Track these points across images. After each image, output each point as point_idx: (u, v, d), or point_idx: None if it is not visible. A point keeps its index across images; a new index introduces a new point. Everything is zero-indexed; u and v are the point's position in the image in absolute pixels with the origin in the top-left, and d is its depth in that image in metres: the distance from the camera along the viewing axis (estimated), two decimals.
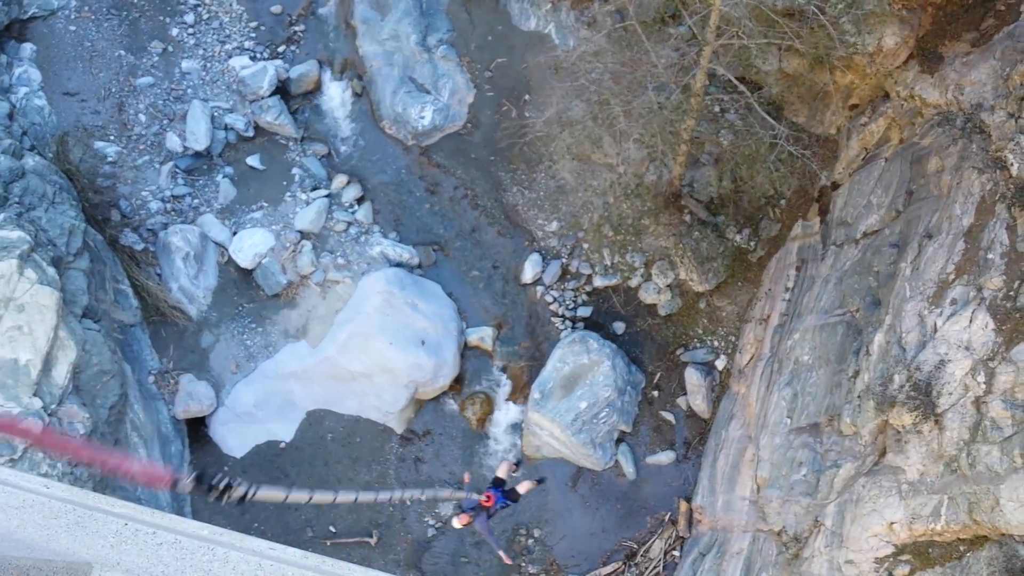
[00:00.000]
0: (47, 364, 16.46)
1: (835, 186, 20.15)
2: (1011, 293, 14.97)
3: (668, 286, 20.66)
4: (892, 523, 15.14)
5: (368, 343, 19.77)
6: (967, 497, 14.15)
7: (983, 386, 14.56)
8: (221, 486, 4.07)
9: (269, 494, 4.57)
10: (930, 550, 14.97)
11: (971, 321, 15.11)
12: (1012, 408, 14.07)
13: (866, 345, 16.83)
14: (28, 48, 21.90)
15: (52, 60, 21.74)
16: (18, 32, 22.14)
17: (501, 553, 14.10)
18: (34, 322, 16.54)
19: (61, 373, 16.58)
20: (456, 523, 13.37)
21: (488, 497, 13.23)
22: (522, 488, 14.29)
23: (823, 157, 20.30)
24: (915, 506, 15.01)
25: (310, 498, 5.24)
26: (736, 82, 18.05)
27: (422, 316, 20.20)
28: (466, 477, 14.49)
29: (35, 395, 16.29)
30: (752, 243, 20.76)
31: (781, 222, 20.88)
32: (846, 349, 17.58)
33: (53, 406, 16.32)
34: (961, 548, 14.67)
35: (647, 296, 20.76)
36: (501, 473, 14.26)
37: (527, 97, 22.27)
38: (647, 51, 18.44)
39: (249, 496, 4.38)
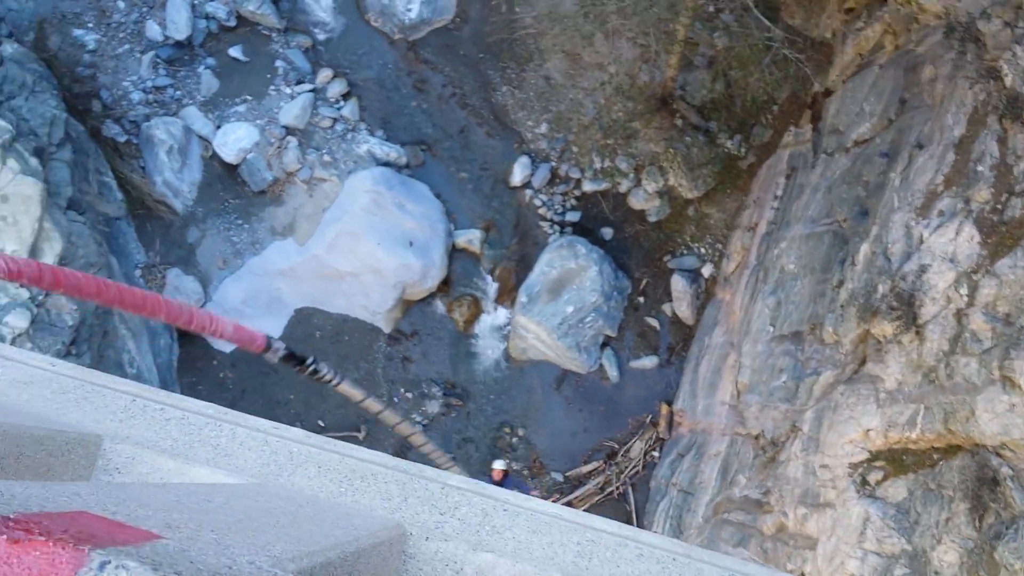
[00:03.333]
0: (33, 255, 16.32)
1: (828, 93, 19.92)
2: (998, 206, 15.00)
3: (657, 192, 20.59)
4: (868, 430, 15.52)
5: (356, 243, 19.69)
6: (943, 407, 14.48)
7: (965, 299, 14.73)
8: (310, 367, 4.09)
9: (348, 391, 4.63)
10: (904, 457, 15.40)
11: (957, 233, 15.17)
12: (993, 321, 14.27)
13: (852, 255, 16.93)
14: None
15: None
16: None
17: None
18: (18, 213, 16.32)
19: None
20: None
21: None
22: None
23: (817, 62, 20.01)
24: (891, 414, 15.36)
25: (380, 411, 5.28)
26: None
27: (410, 217, 20.08)
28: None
29: (21, 286, 16.20)
30: (743, 150, 20.63)
31: (773, 128, 20.72)
32: (832, 259, 17.70)
33: (41, 297, 16.27)
34: (935, 456, 15.08)
35: (636, 202, 20.70)
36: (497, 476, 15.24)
37: None
38: None
39: (332, 384, 4.43)
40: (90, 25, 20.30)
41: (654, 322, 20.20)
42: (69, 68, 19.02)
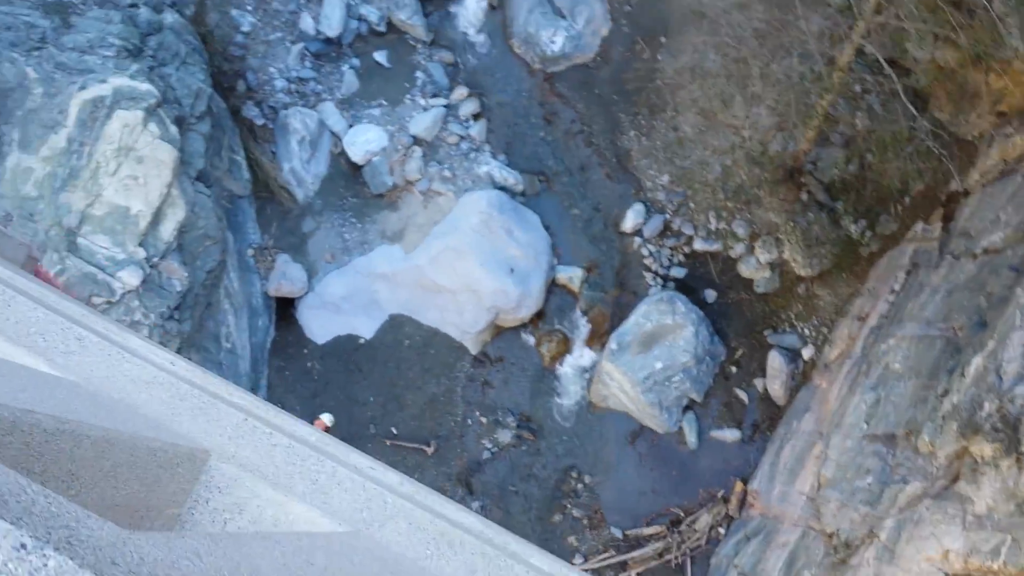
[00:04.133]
0: (156, 218, 16.99)
1: (965, 193, 19.16)
2: None
3: (769, 263, 20.10)
4: (948, 551, 14.74)
5: (459, 260, 19.85)
6: None
7: None
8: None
9: None
10: None
11: None
12: None
13: (962, 366, 16.16)
14: None
15: None
16: None
17: None
18: (150, 175, 17.03)
19: (168, 229, 17.11)
20: None
21: None
22: None
23: (959, 160, 19.26)
24: (976, 540, 14.56)
25: None
26: (885, 64, 17.14)
27: (516, 244, 20.14)
28: None
29: (140, 245, 16.89)
30: (866, 236, 19.98)
31: (901, 220, 20.02)
32: (940, 366, 16.92)
33: (155, 259, 16.90)
34: None
35: (746, 269, 20.26)
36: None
37: (663, 40, 21.57)
38: (798, 16, 17.61)
39: None
40: (249, 8, 21.14)
41: (743, 395, 19.67)
42: (222, 46, 19.83)
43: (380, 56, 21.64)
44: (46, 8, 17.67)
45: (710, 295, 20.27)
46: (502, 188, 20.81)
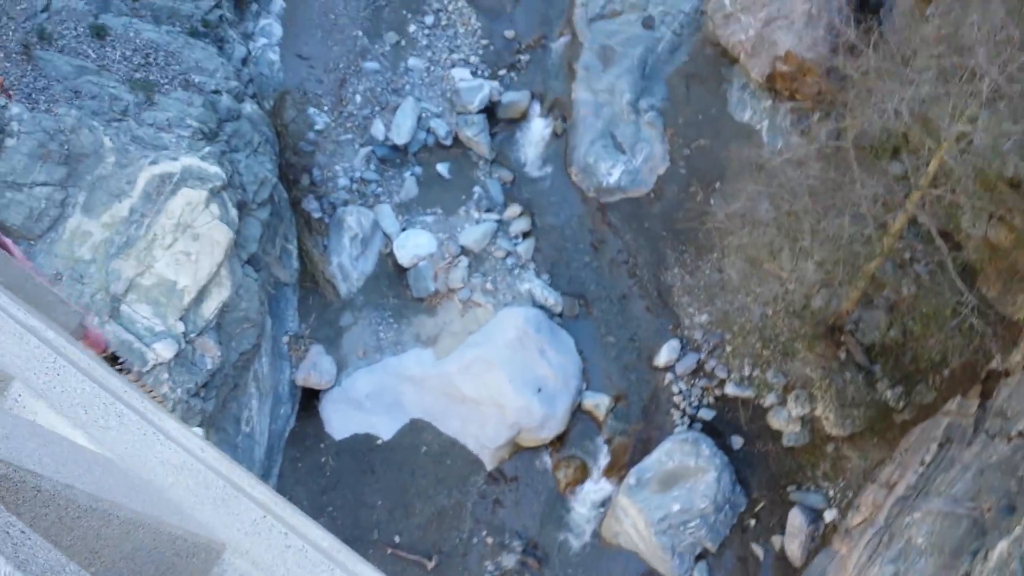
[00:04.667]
0: (201, 295, 17.36)
1: (1005, 373, 18.87)
2: None
3: (801, 417, 19.81)
4: None
5: (489, 372, 19.88)
6: None
7: None
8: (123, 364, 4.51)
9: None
10: None
11: None
12: None
13: (987, 549, 15.59)
14: (279, 4, 23.42)
15: (296, 21, 23.16)
16: None
17: None
18: (203, 253, 17.50)
19: (210, 307, 17.45)
20: None
21: None
22: None
23: (1003, 340, 19.06)
24: None
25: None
26: (937, 236, 17.27)
27: (547, 364, 20.16)
28: None
29: (180, 319, 17.21)
30: (902, 403, 19.68)
31: (938, 392, 19.72)
32: (964, 546, 16.33)
33: (193, 335, 17.18)
34: None
35: (776, 420, 19.97)
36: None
37: (718, 185, 22.00)
38: (854, 178, 17.91)
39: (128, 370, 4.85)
40: (325, 109, 22.11)
41: (759, 551, 19.06)
42: (294, 140, 20.67)
43: (442, 167, 22.37)
44: (133, 84, 18.64)
45: (736, 441, 19.95)
46: (541, 307, 20.99)
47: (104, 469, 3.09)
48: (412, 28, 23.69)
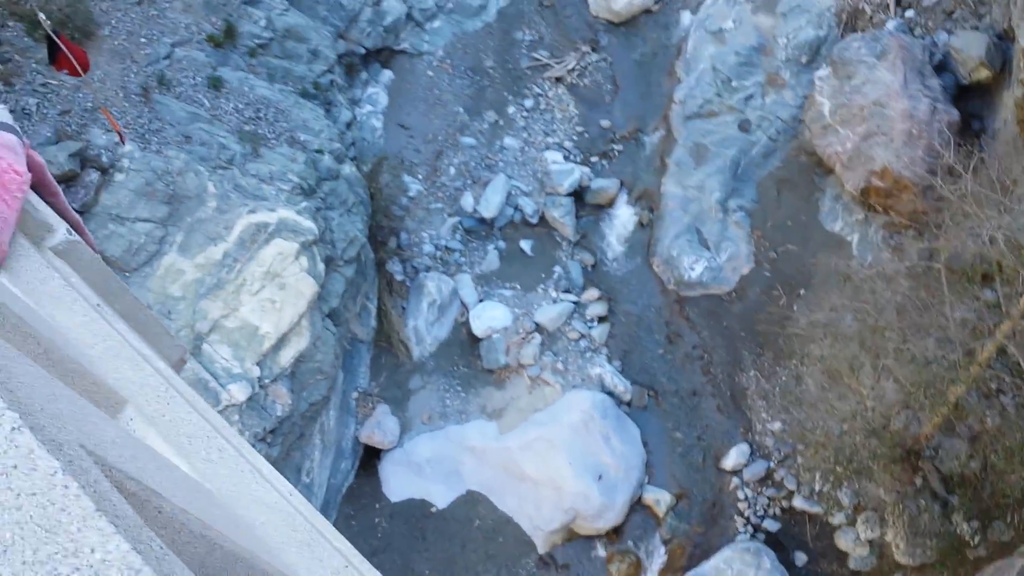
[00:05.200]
0: (280, 342, 17.72)
1: None
2: None
3: (869, 541, 18.97)
4: None
5: (550, 452, 19.66)
6: None
7: None
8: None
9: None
10: None
11: None
12: None
13: None
14: (387, 75, 24.41)
15: (401, 93, 24.05)
16: (385, 58, 24.76)
17: None
18: (287, 303, 17.93)
19: (287, 356, 17.77)
20: None
21: None
22: None
23: None
24: None
25: None
26: None
27: (610, 452, 19.85)
28: None
29: (257, 364, 17.55)
30: (976, 539, 18.68)
31: (1016, 531, 18.70)
32: None
33: (267, 380, 17.49)
34: None
35: (843, 541, 19.16)
36: None
37: (802, 292, 21.69)
38: (943, 300, 17.47)
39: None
40: (419, 177, 22.73)
41: None
42: (386, 204, 21.25)
43: (525, 244, 22.65)
44: (242, 136, 19.50)
45: (800, 558, 19.16)
46: (610, 393, 20.79)
47: (207, 500, 3.16)
48: (511, 109, 24.35)
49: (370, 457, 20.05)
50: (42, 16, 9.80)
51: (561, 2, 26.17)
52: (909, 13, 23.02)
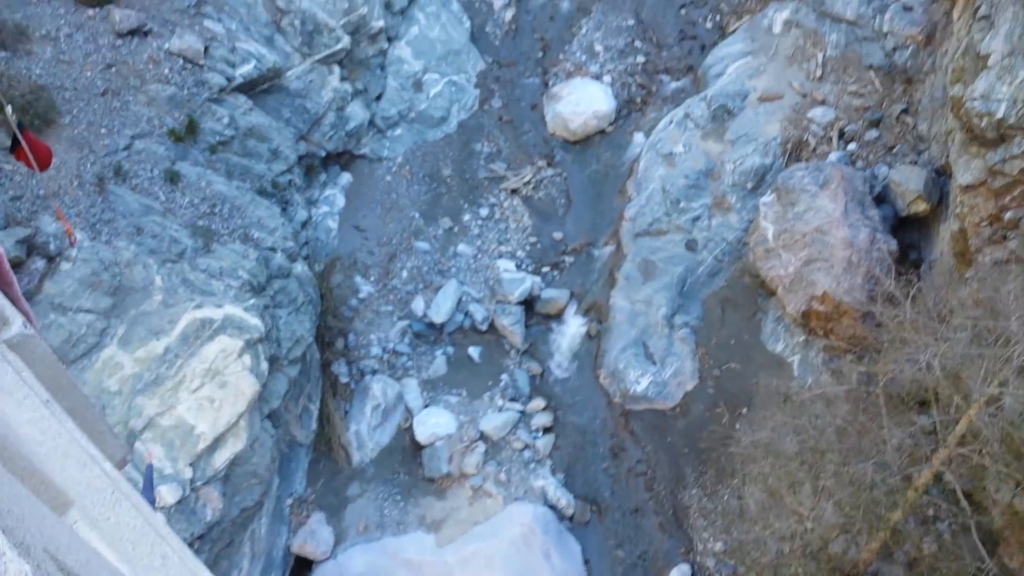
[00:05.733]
0: (215, 443, 17.21)
1: None
2: None
3: None
4: None
5: (488, 569, 19.13)
6: None
7: None
8: None
9: None
10: None
11: None
12: None
13: None
14: (346, 177, 24.74)
15: (359, 195, 24.35)
16: (345, 161, 25.15)
17: None
18: (226, 402, 17.51)
19: (222, 457, 17.24)
20: None
21: None
22: None
23: None
24: None
25: None
26: (962, 496, 16.87)
27: (550, 569, 19.39)
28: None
29: (190, 465, 16.97)
30: None
31: None
32: None
33: (199, 483, 16.88)
34: None
35: None
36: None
37: (744, 411, 21.90)
38: (882, 425, 17.79)
39: None
40: (371, 279, 22.77)
41: None
42: (336, 304, 21.17)
43: (474, 351, 22.63)
44: (195, 230, 19.41)
45: None
46: (552, 507, 20.48)
47: None
48: (467, 217, 24.75)
49: (301, 568, 19.28)
50: (9, 109, 9.79)
51: (520, 118, 27.03)
52: (851, 146, 24.23)
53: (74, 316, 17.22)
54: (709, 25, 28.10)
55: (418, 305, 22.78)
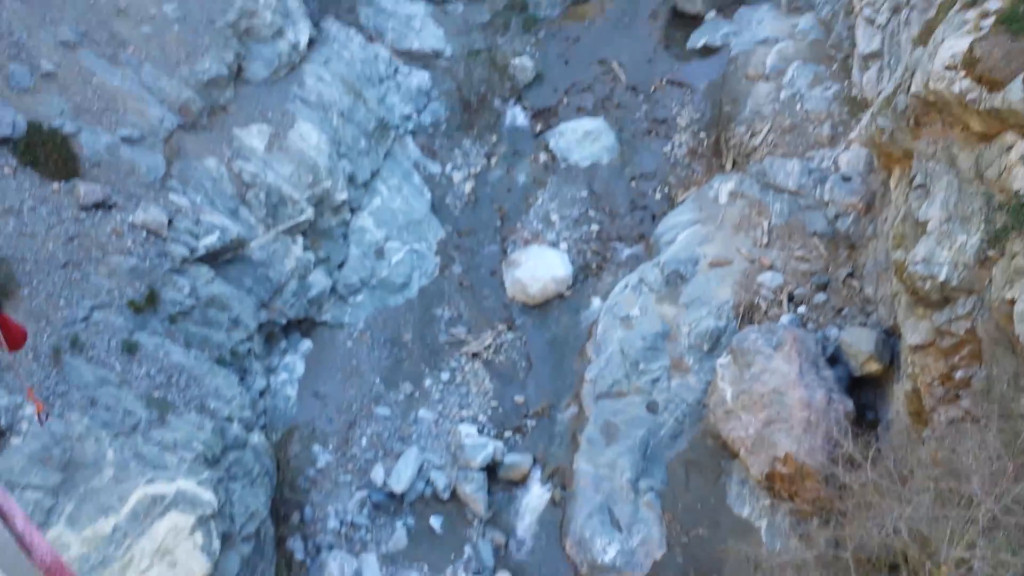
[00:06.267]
0: None
1: None
2: None
3: None
4: None
5: None
6: None
7: None
8: None
9: None
10: None
11: None
12: None
13: None
14: (307, 344, 24.70)
15: (320, 362, 24.25)
16: (306, 328, 25.19)
17: None
18: None
19: None
20: None
21: None
22: None
23: None
24: None
25: None
26: None
27: None
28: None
29: None
30: None
31: None
32: None
33: None
34: None
35: None
36: None
37: None
38: None
39: None
40: (330, 447, 22.35)
41: None
42: (292, 476, 20.64)
43: (435, 521, 22.01)
44: (150, 401, 19.07)
45: None
46: None
47: None
48: (428, 382, 24.69)
49: None
50: None
51: (479, 284, 27.53)
52: (801, 309, 24.91)
53: (21, 493, 16.56)
54: (658, 196, 29.37)
55: (378, 474, 22.28)
